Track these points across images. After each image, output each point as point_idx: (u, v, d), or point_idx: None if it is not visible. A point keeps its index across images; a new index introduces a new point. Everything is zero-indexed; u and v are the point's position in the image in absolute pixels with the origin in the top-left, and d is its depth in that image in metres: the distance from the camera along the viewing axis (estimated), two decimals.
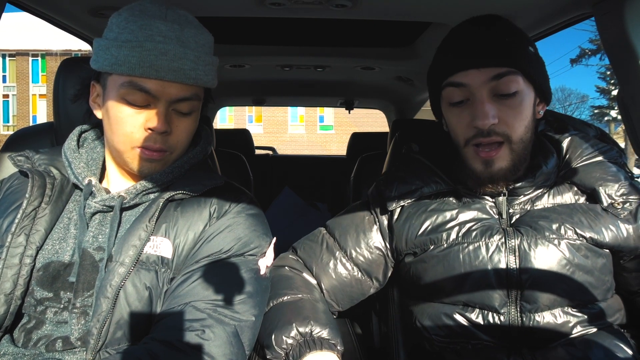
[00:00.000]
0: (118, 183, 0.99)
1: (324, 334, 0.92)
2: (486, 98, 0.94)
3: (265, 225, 1.01)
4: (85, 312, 0.88)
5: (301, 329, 0.92)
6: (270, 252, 0.98)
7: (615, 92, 5.82)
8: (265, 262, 0.96)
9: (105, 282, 0.86)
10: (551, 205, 1.02)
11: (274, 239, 1.01)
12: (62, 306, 0.90)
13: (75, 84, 1.00)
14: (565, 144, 1.07)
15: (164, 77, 0.87)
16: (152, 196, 0.95)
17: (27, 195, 0.92)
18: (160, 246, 0.90)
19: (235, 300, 0.88)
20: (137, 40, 0.86)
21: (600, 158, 1.03)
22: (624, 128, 1.16)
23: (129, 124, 0.89)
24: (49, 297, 0.90)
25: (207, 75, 0.92)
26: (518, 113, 0.95)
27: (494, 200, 1.04)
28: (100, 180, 1.00)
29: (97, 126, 1.04)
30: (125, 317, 0.86)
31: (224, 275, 0.89)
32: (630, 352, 0.95)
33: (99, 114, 0.96)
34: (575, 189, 1.03)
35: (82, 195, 0.94)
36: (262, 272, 0.95)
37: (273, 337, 0.92)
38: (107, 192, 0.96)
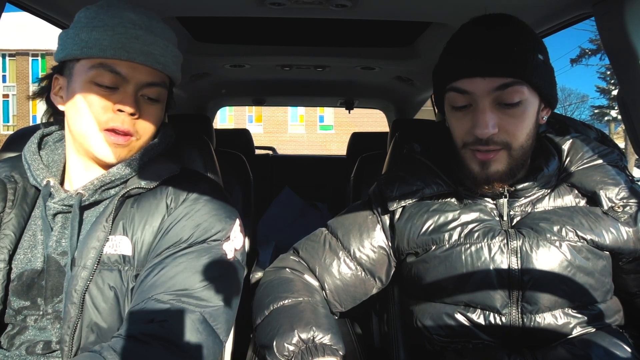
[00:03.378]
0: (78, 181, 0.96)
1: (326, 339, 0.92)
2: (488, 107, 0.93)
3: (227, 208, 0.98)
4: (58, 317, 0.88)
5: (303, 335, 0.91)
6: (236, 234, 0.96)
7: (615, 92, 5.82)
8: (232, 245, 0.94)
9: (70, 288, 0.85)
10: (552, 208, 1.02)
11: (238, 220, 0.99)
12: (41, 313, 0.89)
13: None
14: (566, 146, 1.06)
15: (135, 59, 0.88)
16: (112, 192, 0.94)
17: None
18: (120, 245, 0.90)
19: (200, 287, 0.86)
20: (108, 25, 0.88)
21: (600, 161, 1.04)
22: (624, 128, 1.16)
23: (97, 105, 0.89)
24: (26, 306, 0.89)
25: (174, 64, 0.95)
26: (520, 122, 0.94)
27: (495, 202, 1.04)
28: (62, 183, 0.99)
29: (60, 129, 1.03)
30: (95, 320, 0.85)
31: (186, 265, 0.88)
32: (629, 350, 0.96)
33: (61, 106, 0.95)
34: (576, 191, 1.03)
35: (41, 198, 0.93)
36: (230, 256, 0.93)
37: (274, 343, 0.91)
38: (67, 192, 0.94)
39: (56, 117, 1.00)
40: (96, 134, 0.90)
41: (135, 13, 0.91)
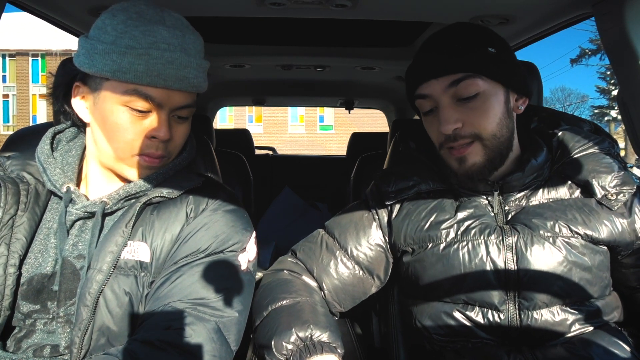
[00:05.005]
0: (98, 188, 0.96)
1: (324, 337, 0.92)
2: (448, 104, 0.97)
3: (244, 220, 0.99)
4: (69, 321, 0.88)
5: (301, 334, 0.91)
6: (251, 246, 0.97)
7: (615, 92, 5.82)
8: (247, 256, 0.95)
9: (84, 290, 0.85)
10: (546, 201, 1.02)
11: (254, 232, 1.00)
12: (50, 316, 0.89)
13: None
14: (557, 138, 1.07)
15: (171, 86, 0.86)
16: (133, 201, 0.94)
17: (1, 205, 0.90)
18: (138, 251, 0.89)
19: (215, 297, 0.87)
20: (142, 48, 0.84)
21: (592, 150, 1.04)
22: (624, 128, 1.16)
23: (130, 131, 0.88)
24: (36, 310, 0.89)
25: (205, 81, 0.93)
26: (483, 112, 0.97)
27: (487, 197, 1.05)
28: (77, 184, 0.97)
29: (71, 126, 1.02)
30: (107, 324, 0.85)
31: (202, 274, 0.89)
32: (628, 349, 0.96)
33: (86, 117, 0.93)
34: (570, 182, 1.03)
35: (59, 203, 0.93)
36: (244, 267, 0.94)
37: (273, 342, 0.91)
38: (87, 198, 0.94)
39: (70, 117, 0.98)
40: (129, 159, 0.90)
41: (167, 28, 0.86)
